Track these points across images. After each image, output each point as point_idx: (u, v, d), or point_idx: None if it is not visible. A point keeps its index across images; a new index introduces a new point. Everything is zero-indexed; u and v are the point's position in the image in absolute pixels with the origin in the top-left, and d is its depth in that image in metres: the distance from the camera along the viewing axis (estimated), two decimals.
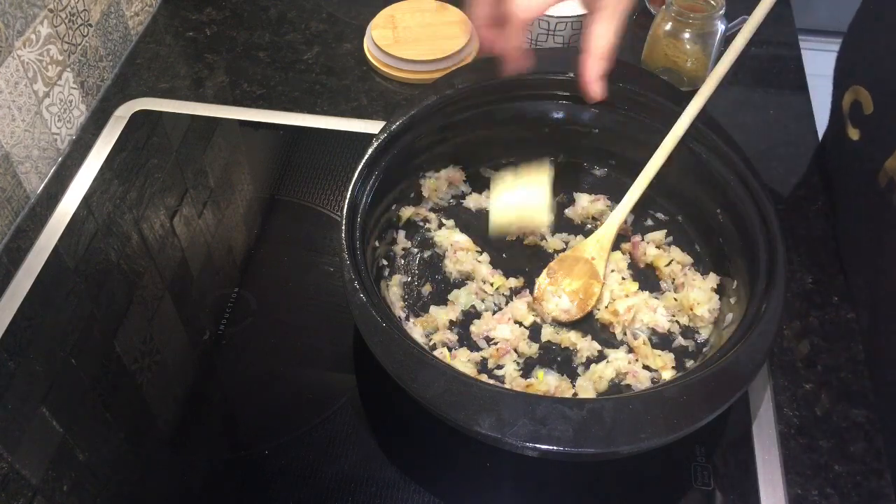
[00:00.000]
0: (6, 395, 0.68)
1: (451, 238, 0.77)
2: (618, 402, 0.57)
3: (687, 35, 0.84)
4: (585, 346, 0.70)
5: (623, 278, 0.74)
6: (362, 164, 0.71)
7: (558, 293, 0.72)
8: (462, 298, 0.73)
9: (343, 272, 0.64)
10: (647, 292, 0.73)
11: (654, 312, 0.71)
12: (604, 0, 0.68)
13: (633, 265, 0.76)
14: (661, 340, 0.71)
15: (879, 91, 0.74)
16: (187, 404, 0.69)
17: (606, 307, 0.72)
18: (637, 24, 1.04)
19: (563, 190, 0.83)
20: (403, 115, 0.74)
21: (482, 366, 0.69)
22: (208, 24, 1.06)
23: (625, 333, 0.71)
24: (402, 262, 0.77)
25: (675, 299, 0.72)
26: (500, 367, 0.69)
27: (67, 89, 0.89)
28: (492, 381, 0.66)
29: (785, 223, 0.81)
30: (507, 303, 0.74)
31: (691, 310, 0.71)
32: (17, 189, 0.83)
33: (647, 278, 0.75)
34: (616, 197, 0.81)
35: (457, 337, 0.71)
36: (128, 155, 0.88)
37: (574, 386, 0.67)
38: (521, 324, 0.72)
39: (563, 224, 0.80)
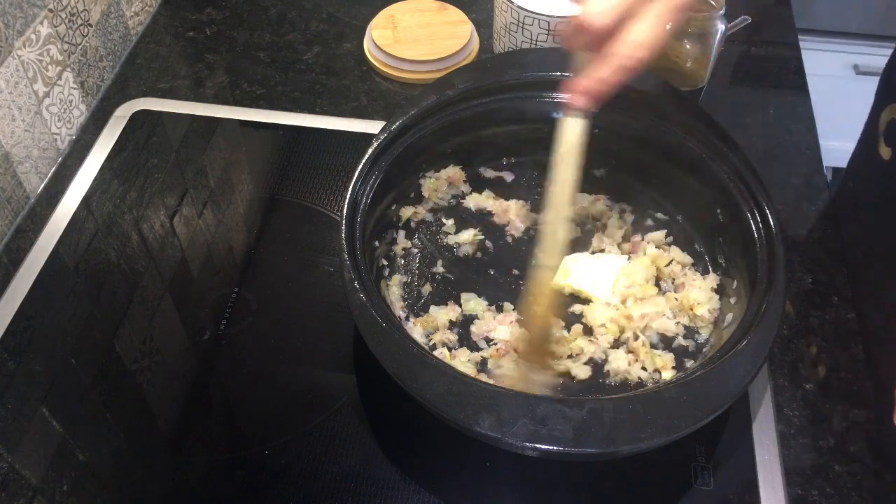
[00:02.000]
0: (6, 395, 0.68)
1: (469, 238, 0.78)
2: (618, 402, 0.57)
3: (687, 35, 0.84)
4: (586, 346, 0.70)
5: (646, 280, 0.74)
6: (362, 164, 0.71)
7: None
8: (472, 303, 0.73)
9: (343, 272, 0.64)
10: (663, 296, 0.73)
11: (664, 317, 0.71)
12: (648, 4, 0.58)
13: None
14: (661, 340, 0.71)
15: None
16: (187, 404, 0.69)
17: (619, 308, 0.72)
18: None
19: None
20: (403, 115, 0.75)
21: (482, 366, 0.69)
22: (208, 24, 1.06)
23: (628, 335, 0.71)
24: (402, 262, 0.77)
25: (676, 299, 0.72)
26: (499, 367, 0.69)
27: (67, 89, 0.89)
28: (492, 382, 0.66)
29: (785, 223, 0.81)
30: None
31: (691, 310, 0.71)
32: (17, 189, 0.83)
33: None
34: (616, 197, 0.81)
35: (457, 337, 0.71)
36: (128, 155, 0.88)
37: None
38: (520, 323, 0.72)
39: None
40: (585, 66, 0.61)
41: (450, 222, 0.80)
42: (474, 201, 0.81)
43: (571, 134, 0.64)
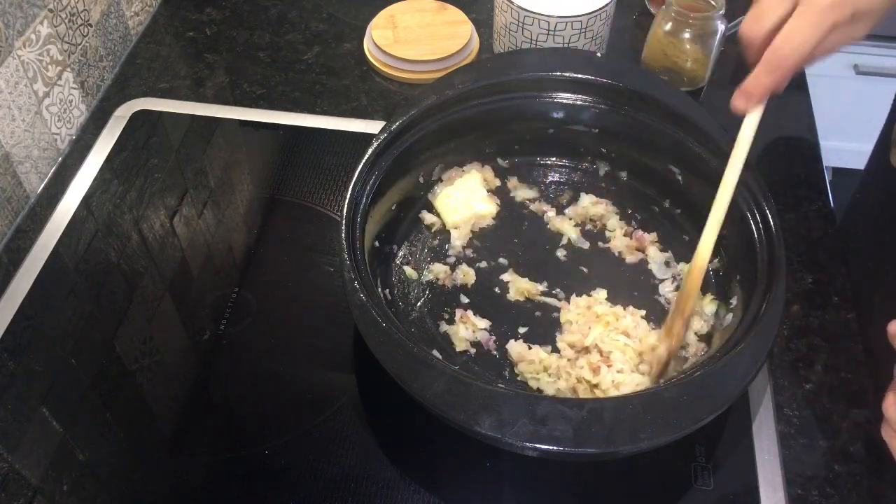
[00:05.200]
0: (6, 395, 0.68)
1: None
2: (618, 402, 0.57)
3: (687, 35, 0.84)
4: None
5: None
6: (362, 164, 0.71)
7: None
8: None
9: (343, 272, 0.64)
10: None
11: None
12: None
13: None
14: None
15: None
16: (187, 404, 0.69)
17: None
18: (637, 25, 1.04)
19: (565, 189, 0.83)
20: (403, 115, 0.75)
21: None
22: (208, 24, 1.06)
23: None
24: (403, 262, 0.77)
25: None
26: None
27: (67, 89, 0.89)
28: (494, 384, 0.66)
29: (785, 223, 0.81)
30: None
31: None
32: (17, 189, 0.83)
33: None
34: (617, 199, 0.81)
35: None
36: (128, 155, 0.88)
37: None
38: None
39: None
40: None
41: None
42: None
43: (745, 132, 0.65)
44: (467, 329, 0.71)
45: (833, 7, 0.58)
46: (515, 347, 0.70)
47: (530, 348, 0.70)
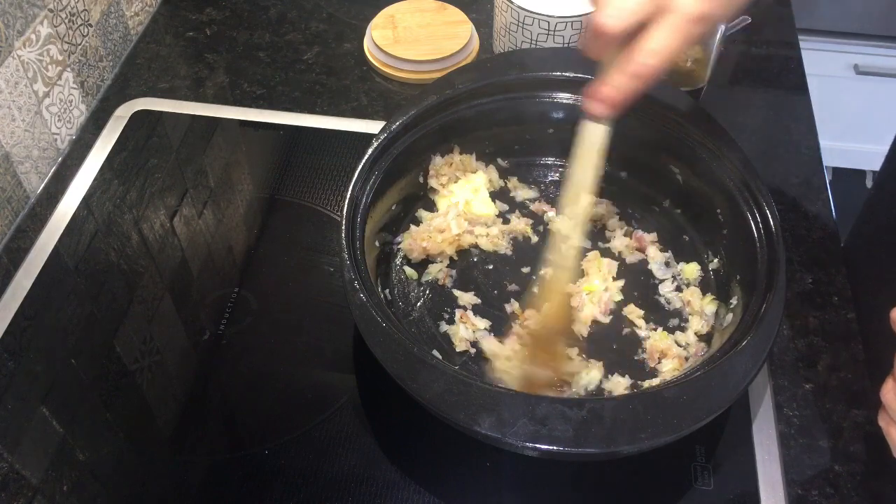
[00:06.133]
0: (6, 395, 0.68)
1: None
2: (618, 402, 0.57)
3: None
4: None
5: (653, 328, 0.72)
6: (362, 164, 0.71)
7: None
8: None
9: (343, 272, 0.64)
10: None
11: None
12: (672, 3, 0.54)
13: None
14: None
15: None
16: (187, 404, 0.69)
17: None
18: None
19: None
20: (403, 115, 0.75)
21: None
22: (208, 24, 1.06)
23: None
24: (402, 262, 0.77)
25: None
26: (498, 353, 0.69)
27: (67, 89, 0.89)
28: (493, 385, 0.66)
29: (785, 223, 0.81)
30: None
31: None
32: (17, 189, 0.83)
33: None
34: (617, 199, 0.81)
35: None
36: (128, 155, 0.88)
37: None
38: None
39: None
40: (601, 73, 0.59)
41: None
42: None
43: (591, 138, 0.63)
44: (467, 329, 0.71)
45: (701, 20, 0.54)
46: (489, 345, 0.69)
47: (502, 342, 0.69)
